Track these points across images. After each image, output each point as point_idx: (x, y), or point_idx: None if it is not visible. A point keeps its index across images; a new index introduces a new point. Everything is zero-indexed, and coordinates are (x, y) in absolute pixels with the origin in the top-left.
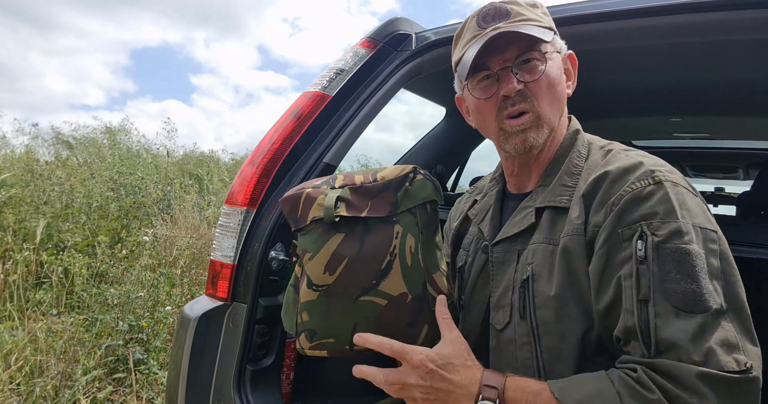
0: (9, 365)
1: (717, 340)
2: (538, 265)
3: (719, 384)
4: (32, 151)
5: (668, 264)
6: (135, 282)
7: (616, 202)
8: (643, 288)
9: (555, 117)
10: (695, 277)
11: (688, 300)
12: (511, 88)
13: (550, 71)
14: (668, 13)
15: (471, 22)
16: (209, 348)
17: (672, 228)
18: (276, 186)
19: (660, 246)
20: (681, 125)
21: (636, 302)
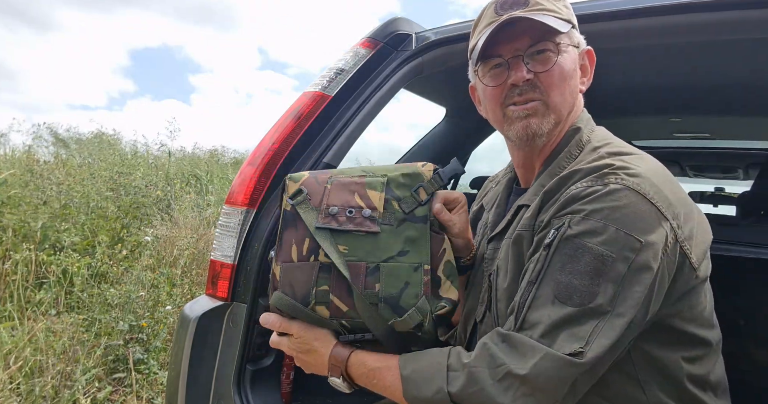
0: (9, 365)
1: (569, 331)
2: (501, 260)
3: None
4: (32, 151)
5: (565, 257)
6: (135, 282)
7: (562, 197)
8: (535, 272)
9: (564, 109)
10: (584, 275)
11: (567, 293)
12: (519, 77)
13: (563, 63)
14: (668, 13)
15: (488, 9)
16: (209, 348)
17: (588, 227)
18: (276, 186)
19: (567, 239)
20: (681, 125)
21: (526, 283)
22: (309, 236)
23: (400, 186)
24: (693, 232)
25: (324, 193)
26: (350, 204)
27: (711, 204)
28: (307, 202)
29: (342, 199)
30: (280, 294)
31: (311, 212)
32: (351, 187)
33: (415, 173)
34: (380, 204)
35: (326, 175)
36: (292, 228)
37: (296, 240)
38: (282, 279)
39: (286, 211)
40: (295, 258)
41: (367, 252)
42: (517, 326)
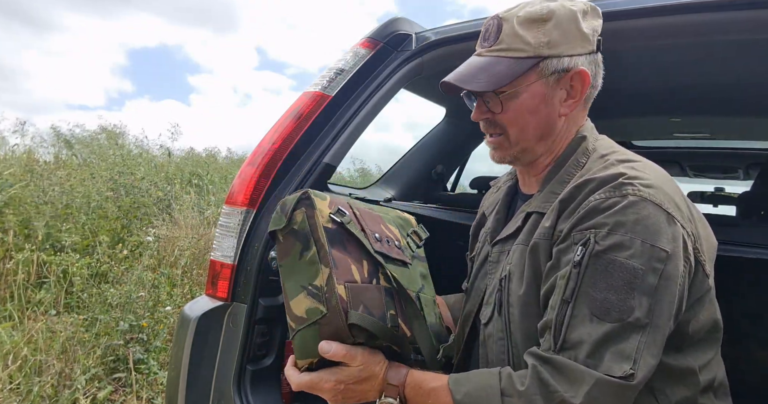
0: (8, 364)
1: (615, 349)
2: (513, 265)
3: (597, 385)
4: (33, 151)
5: (598, 273)
6: (135, 282)
7: (581, 209)
8: (568, 290)
9: (527, 141)
10: (619, 290)
11: (604, 309)
12: (476, 117)
13: (520, 104)
14: (668, 13)
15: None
16: (209, 348)
17: (615, 241)
18: (276, 186)
19: (597, 255)
20: (681, 125)
21: (560, 301)
22: (366, 258)
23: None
24: (702, 239)
25: (359, 218)
26: (383, 234)
27: (711, 204)
28: (352, 223)
29: (377, 227)
30: (360, 314)
31: (361, 234)
32: (375, 218)
33: (405, 219)
34: (402, 239)
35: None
36: (340, 247)
37: (353, 261)
38: (352, 300)
39: (327, 228)
40: (358, 279)
41: (408, 282)
42: (558, 346)
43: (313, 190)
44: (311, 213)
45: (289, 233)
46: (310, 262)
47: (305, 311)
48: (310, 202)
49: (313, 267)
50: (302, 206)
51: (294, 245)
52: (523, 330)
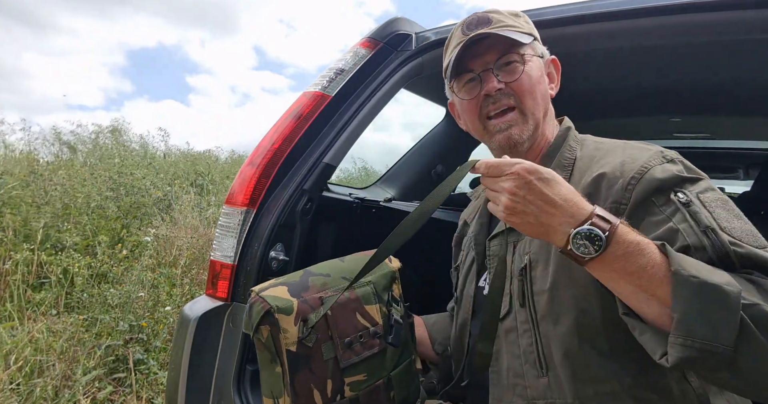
0: (9, 365)
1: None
2: (535, 253)
3: None
4: (33, 151)
5: (716, 207)
6: (135, 282)
7: (637, 177)
8: (703, 221)
9: (539, 113)
10: (742, 218)
11: (748, 236)
12: (491, 87)
13: (530, 71)
14: (668, 13)
15: (456, 30)
16: (209, 348)
17: (703, 186)
18: (276, 186)
19: (700, 196)
20: (681, 125)
21: (701, 234)
22: (331, 376)
23: (384, 288)
24: None
25: (329, 323)
26: (358, 328)
27: None
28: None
29: (349, 324)
30: None
31: (327, 348)
32: (350, 307)
33: (390, 272)
34: (379, 318)
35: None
36: (305, 370)
37: (316, 384)
38: None
39: (290, 352)
40: (319, 403)
41: (381, 370)
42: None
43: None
44: (276, 334)
45: (258, 340)
46: (277, 377)
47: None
48: (274, 321)
49: (279, 385)
50: (267, 323)
51: (264, 351)
52: (553, 317)
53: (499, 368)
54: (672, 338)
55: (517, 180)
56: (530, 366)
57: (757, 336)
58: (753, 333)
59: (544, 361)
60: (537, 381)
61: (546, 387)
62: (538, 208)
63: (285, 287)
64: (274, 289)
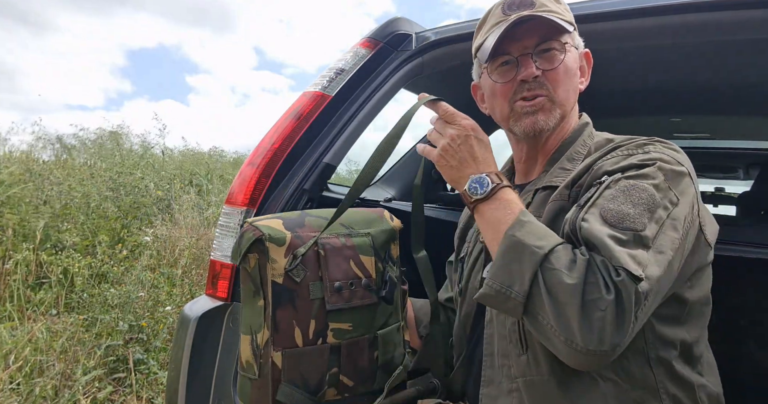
0: (9, 365)
1: (626, 251)
2: None
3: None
4: (32, 150)
5: (620, 191)
6: (135, 282)
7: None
8: (584, 197)
9: (568, 105)
10: (637, 206)
11: (618, 218)
12: (529, 73)
13: (567, 62)
14: (669, 13)
15: (496, 9)
16: (209, 348)
17: (643, 172)
18: (276, 186)
19: (621, 179)
20: (681, 125)
21: (575, 208)
22: (315, 317)
23: (381, 244)
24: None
25: (320, 263)
26: (349, 275)
27: (711, 204)
28: (305, 275)
29: (341, 270)
30: (289, 390)
31: (315, 288)
32: (345, 253)
33: (390, 229)
34: (373, 271)
35: (307, 231)
36: (288, 306)
37: (298, 322)
38: (288, 369)
39: (276, 284)
40: (300, 342)
41: (367, 326)
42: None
43: (272, 230)
44: (263, 264)
45: (244, 270)
46: (259, 311)
47: (245, 361)
48: (264, 249)
49: (259, 319)
50: (255, 251)
51: (248, 282)
52: None
53: (492, 351)
54: (485, 280)
55: (461, 130)
56: (513, 345)
57: (542, 291)
58: (539, 289)
59: (524, 339)
60: (518, 359)
61: (525, 364)
62: (463, 157)
63: (280, 220)
64: (269, 221)
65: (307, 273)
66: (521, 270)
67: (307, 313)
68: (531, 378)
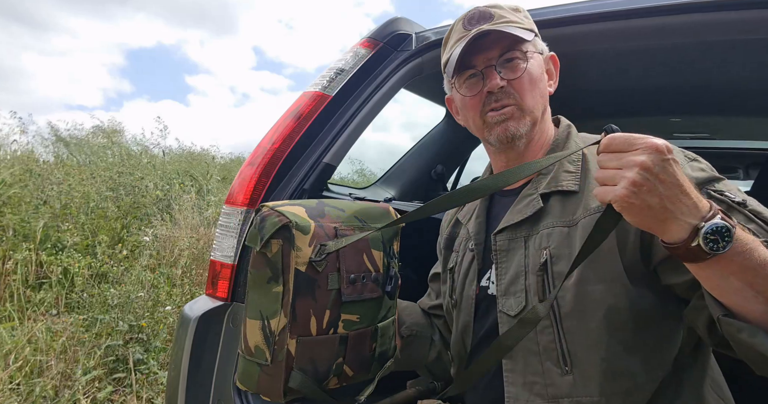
0: (8, 365)
1: None
2: (555, 248)
3: None
4: (32, 150)
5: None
6: (135, 282)
7: None
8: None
9: (537, 110)
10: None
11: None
12: (494, 84)
13: (531, 69)
14: (668, 13)
15: (457, 25)
16: (209, 348)
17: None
18: (276, 186)
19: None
20: (681, 125)
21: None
22: (330, 307)
23: (389, 240)
24: None
25: (339, 254)
26: (362, 268)
27: None
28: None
29: (356, 263)
30: (301, 377)
31: (333, 278)
32: (360, 246)
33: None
34: (381, 265)
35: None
36: (308, 296)
37: (315, 312)
38: (300, 356)
39: (299, 272)
40: (314, 331)
41: (372, 317)
42: None
43: (297, 217)
44: (287, 251)
45: (262, 255)
46: (274, 297)
47: (254, 346)
48: (290, 237)
49: (275, 305)
50: (280, 238)
51: (264, 268)
52: (579, 313)
53: (513, 366)
54: None
55: (654, 155)
56: (552, 363)
57: None
58: None
59: (568, 358)
60: (560, 379)
61: (571, 384)
62: (669, 191)
63: (303, 208)
64: (292, 207)
65: (327, 264)
66: None
67: (324, 303)
68: (579, 399)
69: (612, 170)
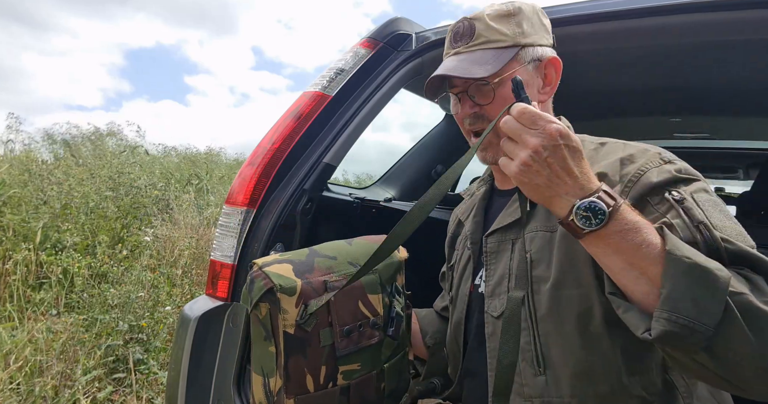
0: (9, 365)
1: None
2: (536, 252)
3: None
4: (31, 151)
5: (708, 206)
6: (135, 282)
7: (633, 180)
8: (696, 216)
9: None
10: (733, 219)
11: (739, 235)
12: (464, 113)
13: (504, 93)
14: (668, 13)
15: (448, 36)
16: (209, 348)
17: (697, 186)
18: (276, 186)
19: (693, 195)
20: (681, 125)
21: (694, 229)
22: (325, 363)
23: (388, 279)
24: None
25: (330, 308)
26: (358, 317)
27: None
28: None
29: (350, 312)
30: None
31: (325, 334)
32: (353, 294)
33: (397, 262)
34: (380, 308)
35: (317, 275)
36: (300, 355)
37: (309, 369)
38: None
39: (288, 334)
40: (311, 388)
41: (374, 362)
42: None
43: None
44: (275, 314)
45: (255, 316)
46: (270, 356)
47: (258, 401)
48: (275, 300)
49: (271, 364)
50: (267, 301)
51: (259, 327)
52: (554, 316)
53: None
54: (657, 313)
55: (547, 139)
56: (527, 364)
57: (739, 321)
58: (736, 319)
59: (542, 359)
60: (534, 379)
61: (543, 385)
62: (554, 173)
63: (290, 265)
64: (279, 266)
65: (317, 321)
66: (711, 300)
67: (318, 360)
68: (549, 399)
69: (512, 143)
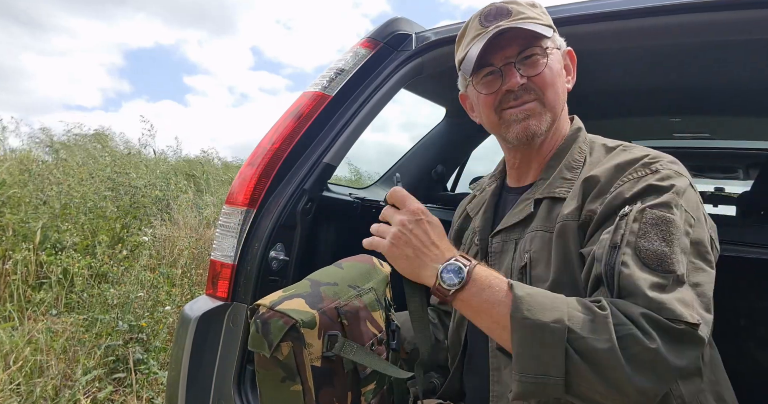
0: (9, 365)
1: (674, 297)
2: (535, 252)
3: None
4: (31, 151)
5: (648, 225)
6: (135, 282)
7: (612, 191)
8: (616, 236)
9: (558, 107)
10: (670, 242)
11: (656, 259)
12: (514, 83)
13: (551, 64)
14: (668, 13)
15: (473, 21)
16: (209, 348)
17: (662, 199)
18: (276, 186)
19: (645, 210)
20: (681, 125)
21: (607, 249)
22: (350, 389)
23: (382, 294)
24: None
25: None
26: (369, 336)
27: (711, 204)
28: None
29: (363, 333)
30: None
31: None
32: (361, 315)
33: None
34: (383, 323)
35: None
36: (329, 386)
37: (338, 398)
38: None
39: (315, 368)
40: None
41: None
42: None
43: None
44: (299, 351)
45: (273, 359)
46: (295, 396)
47: None
48: (299, 336)
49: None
50: (289, 339)
51: (275, 369)
52: None
53: (498, 365)
54: (513, 374)
55: (410, 215)
56: None
57: (582, 366)
58: (579, 364)
59: None
60: None
61: None
62: (420, 243)
63: (302, 299)
64: (290, 302)
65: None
66: (551, 354)
67: (344, 387)
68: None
69: (384, 225)
